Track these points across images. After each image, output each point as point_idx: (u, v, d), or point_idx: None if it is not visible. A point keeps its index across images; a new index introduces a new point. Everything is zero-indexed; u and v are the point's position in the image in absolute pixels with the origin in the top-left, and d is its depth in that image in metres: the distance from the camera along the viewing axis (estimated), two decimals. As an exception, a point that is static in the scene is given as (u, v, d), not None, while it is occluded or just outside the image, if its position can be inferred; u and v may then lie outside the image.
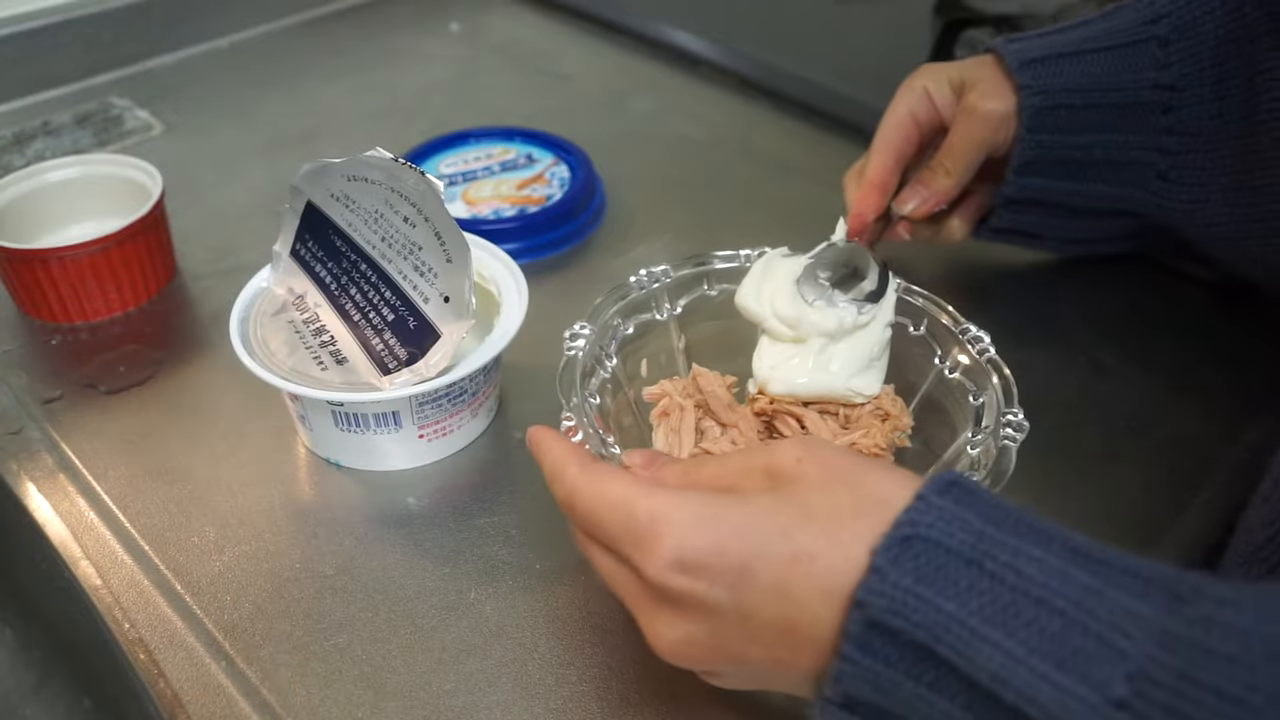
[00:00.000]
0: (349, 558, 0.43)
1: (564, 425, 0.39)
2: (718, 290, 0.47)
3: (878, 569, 0.27)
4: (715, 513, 0.30)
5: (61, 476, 0.47)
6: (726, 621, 0.30)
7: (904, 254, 0.55)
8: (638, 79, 0.81)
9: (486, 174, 0.65)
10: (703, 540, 0.29)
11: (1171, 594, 0.26)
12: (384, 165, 0.43)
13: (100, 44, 0.80)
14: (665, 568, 0.30)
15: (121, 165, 0.59)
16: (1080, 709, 0.24)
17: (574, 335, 0.42)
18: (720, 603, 0.29)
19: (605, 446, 0.38)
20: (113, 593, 0.42)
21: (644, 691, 0.38)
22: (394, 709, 0.38)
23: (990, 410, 0.41)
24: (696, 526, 0.30)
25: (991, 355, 0.43)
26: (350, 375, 0.45)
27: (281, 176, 0.63)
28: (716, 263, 0.47)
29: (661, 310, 0.46)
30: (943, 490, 0.29)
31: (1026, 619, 0.26)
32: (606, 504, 0.32)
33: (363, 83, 0.81)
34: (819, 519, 0.29)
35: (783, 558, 0.29)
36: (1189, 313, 0.56)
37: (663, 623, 0.31)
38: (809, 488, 0.30)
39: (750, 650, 0.30)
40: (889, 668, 0.27)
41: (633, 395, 0.45)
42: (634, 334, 0.45)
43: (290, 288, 0.49)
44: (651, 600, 0.31)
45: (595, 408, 0.41)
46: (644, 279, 0.46)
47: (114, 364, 0.53)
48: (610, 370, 0.44)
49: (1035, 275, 0.59)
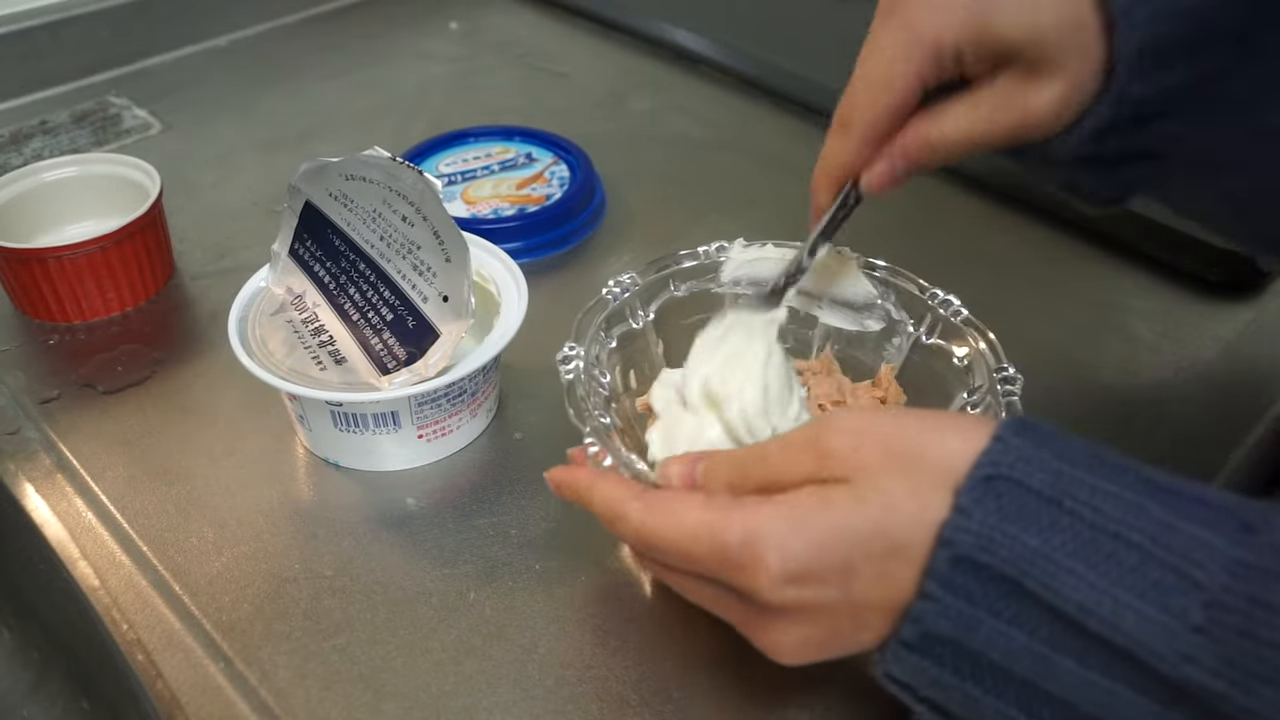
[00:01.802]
0: (348, 558, 0.43)
1: (590, 450, 0.38)
2: (684, 289, 0.47)
3: (962, 508, 0.28)
4: (805, 518, 0.30)
5: (59, 477, 0.47)
6: (839, 615, 0.31)
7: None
8: (638, 78, 0.81)
9: (486, 173, 0.65)
10: (803, 549, 0.30)
11: (1240, 523, 0.27)
12: (382, 164, 0.43)
13: (98, 42, 0.80)
14: (776, 586, 0.30)
15: (119, 164, 0.59)
16: (1163, 634, 0.26)
17: (565, 358, 0.41)
18: (832, 601, 0.30)
19: (632, 465, 0.37)
20: (110, 593, 0.42)
21: (644, 692, 0.38)
22: (393, 709, 0.37)
23: (980, 369, 0.41)
24: (793, 538, 0.30)
25: (965, 315, 0.43)
26: (349, 375, 0.44)
27: (280, 175, 0.63)
28: (683, 262, 0.47)
29: (637, 318, 0.46)
30: (1019, 431, 0.29)
31: (1106, 553, 0.27)
32: (687, 535, 0.32)
33: (362, 81, 0.81)
34: (904, 507, 0.29)
35: (880, 552, 0.29)
36: (1187, 309, 0.56)
37: (778, 631, 0.32)
38: (878, 475, 0.30)
39: (863, 634, 0.31)
40: (971, 604, 0.28)
41: (628, 407, 0.45)
42: (617, 346, 0.45)
43: (289, 287, 0.49)
44: (762, 615, 0.32)
45: (609, 427, 0.40)
46: (614, 290, 0.45)
47: (112, 364, 0.53)
48: (606, 387, 0.43)
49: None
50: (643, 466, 0.38)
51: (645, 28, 0.85)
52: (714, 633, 0.40)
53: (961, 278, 0.46)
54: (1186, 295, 0.57)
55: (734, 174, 0.69)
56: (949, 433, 0.30)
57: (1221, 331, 0.55)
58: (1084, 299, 0.58)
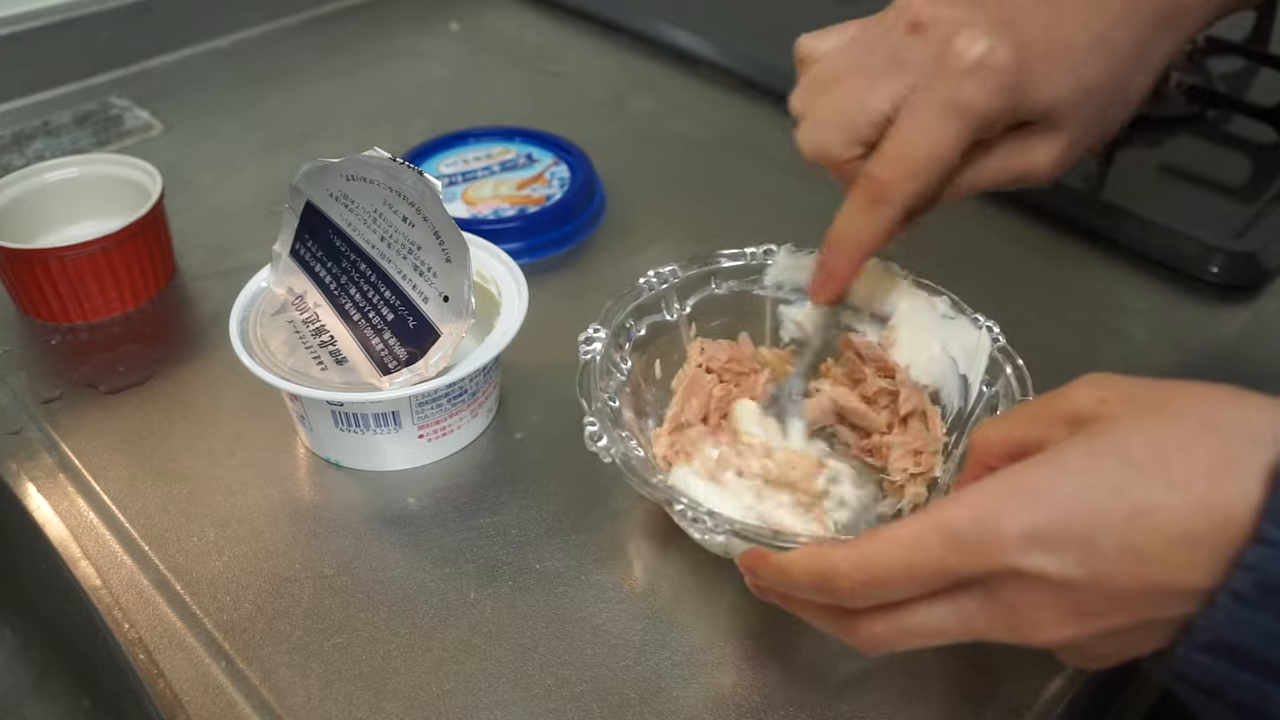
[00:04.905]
0: (349, 558, 0.43)
1: (588, 429, 0.38)
2: (725, 288, 0.47)
3: (1269, 539, 0.25)
4: (1033, 485, 0.28)
5: (61, 476, 0.47)
6: (1089, 596, 0.28)
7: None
8: (638, 79, 0.81)
9: (486, 174, 0.65)
10: (1039, 515, 0.27)
11: None
12: (382, 165, 0.43)
13: (100, 43, 0.80)
14: (1019, 550, 0.27)
15: (121, 165, 0.59)
16: None
17: (589, 339, 0.42)
18: (1076, 578, 0.28)
19: (631, 453, 0.38)
20: (112, 593, 0.42)
21: (643, 692, 0.38)
22: (394, 709, 0.38)
23: (1005, 399, 0.41)
24: (1025, 502, 0.28)
25: (1003, 344, 0.43)
26: (350, 375, 0.45)
27: (281, 176, 0.63)
28: (723, 261, 0.47)
29: (671, 310, 0.46)
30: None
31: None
32: (910, 545, 0.29)
33: (362, 82, 0.81)
34: (1146, 466, 0.27)
35: (1122, 518, 0.27)
36: (1186, 310, 0.56)
37: (1030, 622, 0.29)
38: (1121, 429, 0.28)
39: (1117, 619, 0.28)
40: (1277, 620, 0.25)
41: (650, 397, 0.45)
42: (646, 335, 0.46)
43: (290, 287, 0.49)
44: (1011, 610, 0.29)
45: (614, 411, 0.41)
46: (653, 280, 0.46)
47: (113, 364, 0.53)
48: (626, 373, 0.44)
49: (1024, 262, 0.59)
50: (641, 454, 0.38)
51: (645, 28, 0.85)
52: (714, 633, 0.40)
53: (961, 278, 0.46)
54: (1186, 295, 0.57)
55: (734, 175, 0.69)
56: (1207, 391, 0.28)
57: (1221, 331, 0.55)
58: (1083, 299, 0.58)
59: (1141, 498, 0.27)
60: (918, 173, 0.37)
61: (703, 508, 0.36)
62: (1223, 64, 0.76)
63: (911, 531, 0.29)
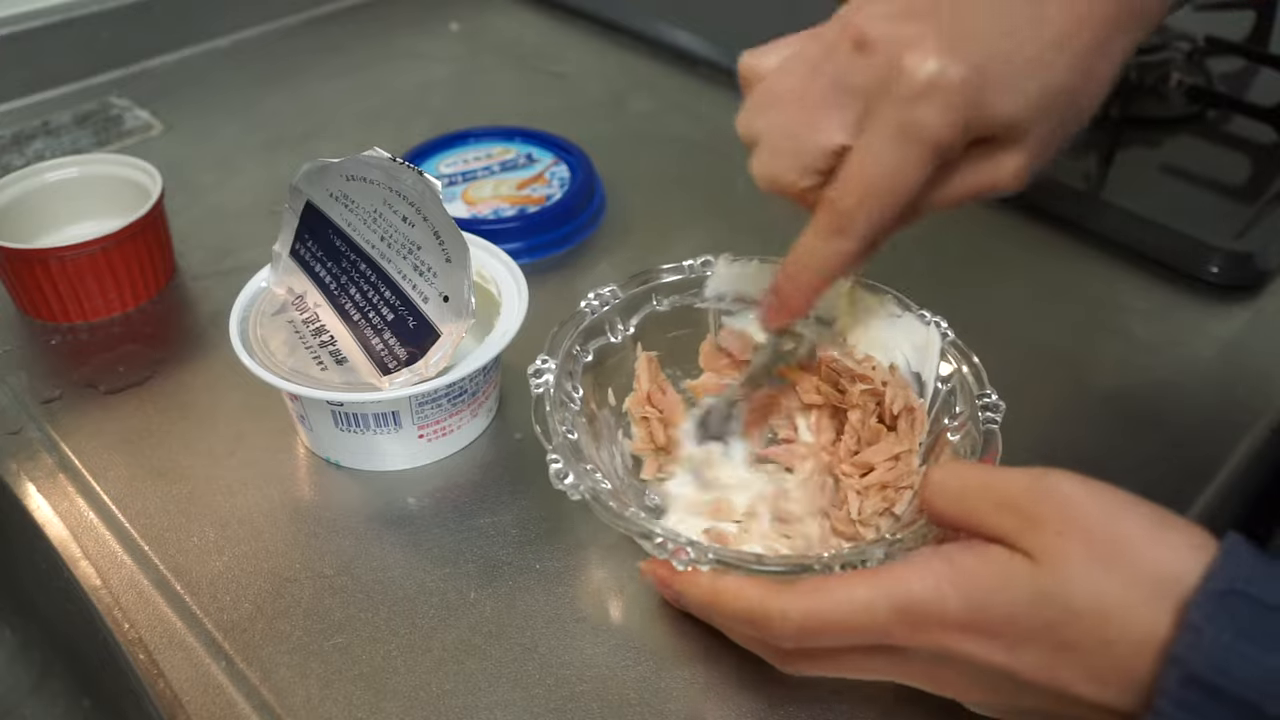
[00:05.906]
0: (349, 558, 0.43)
1: (552, 466, 0.37)
2: (667, 304, 0.46)
3: (1194, 626, 0.27)
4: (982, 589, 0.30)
5: (61, 476, 0.47)
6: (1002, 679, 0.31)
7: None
8: (638, 79, 0.81)
9: (486, 174, 0.65)
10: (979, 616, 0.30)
11: None
12: (382, 165, 0.43)
13: (100, 43, 0.80)
14: (957, 637, 0.30)
15: (121, 165, 0.59)
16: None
17: (538, 371, 0.41)
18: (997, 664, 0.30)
19: (598, 486, 0.37)
20: (112, 593, 0.42)
21: (643, 692, 0.38)
22: (394, 709, 0.38)
23: (962, 395, 0.41)
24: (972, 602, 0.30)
25: (952, 339, 0.42)
26: (350, 375, 0.45)
27: (281, 176, 0.63)
28: (663, 276, 0.46)
29: (615, 332, 0.45)
30: (1241, 542, 0.28)
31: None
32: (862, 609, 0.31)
33: (362, 82, 0.81)
34: (1084, 617, 0.29)
35: (1049, 647, 0.29)
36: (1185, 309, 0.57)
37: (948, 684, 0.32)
38: (1070, 579, 0.29)
39: (1024, 702, 0.31)
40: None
41: (602, 422, 0.44)
42: (594, 360, 0.44)
43: (290, 287, 0.49)
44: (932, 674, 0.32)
45: (574, 444, 0.39)
46: (594, 303, 0.45)
47: (113, 364, 0.53)
48: (579, 401, 0.42)
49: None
50: (608, 485, 0.38)
51: (645, 28, 0.85)
52: (715, 633, 0.40)
53: (960, 278, 0.46)
54: (1185, 295, 0.57)
55: (734, 175, 0.69)
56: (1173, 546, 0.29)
57: (1220, 331, 0.55)
58: (1083, 299, 0.58)
59: (1073, 637, 0.29)
60: (880, 203, 0.35)
61: (682, 539, 0.35)
62: (1223, 64, 0.76)
63: (864, 596, 0.31)
